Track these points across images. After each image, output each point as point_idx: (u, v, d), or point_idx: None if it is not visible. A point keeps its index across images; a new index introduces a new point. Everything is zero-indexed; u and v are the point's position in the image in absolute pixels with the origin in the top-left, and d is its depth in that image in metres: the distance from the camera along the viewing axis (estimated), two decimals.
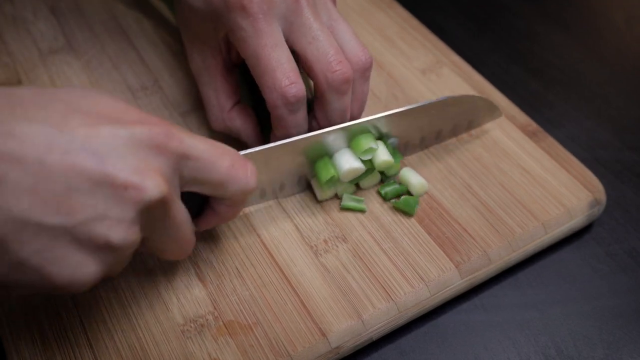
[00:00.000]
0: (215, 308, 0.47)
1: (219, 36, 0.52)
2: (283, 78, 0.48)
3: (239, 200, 0.45)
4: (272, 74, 0.48)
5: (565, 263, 0.54)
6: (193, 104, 0.61)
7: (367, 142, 0.51)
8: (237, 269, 0.49)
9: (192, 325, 0.46)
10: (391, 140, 0.55)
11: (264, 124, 0.56)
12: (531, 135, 0.59)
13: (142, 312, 0.47)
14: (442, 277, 0.49)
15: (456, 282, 0.49)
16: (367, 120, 0.52)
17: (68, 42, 0.67)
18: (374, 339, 0.48)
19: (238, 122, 0.54)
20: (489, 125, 0.60)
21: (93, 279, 0.36)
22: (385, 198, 0.53)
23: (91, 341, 0.45)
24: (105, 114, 0.37)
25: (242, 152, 0.48)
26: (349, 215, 0.53)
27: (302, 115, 0.50)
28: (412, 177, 0.54)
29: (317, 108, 0.52)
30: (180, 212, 0.41)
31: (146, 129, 0.37)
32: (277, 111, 0.49)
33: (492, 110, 0.58)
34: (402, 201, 0.52)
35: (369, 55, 0.52)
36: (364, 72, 0.52)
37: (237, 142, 0.56)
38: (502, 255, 0.51)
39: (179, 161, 0.39)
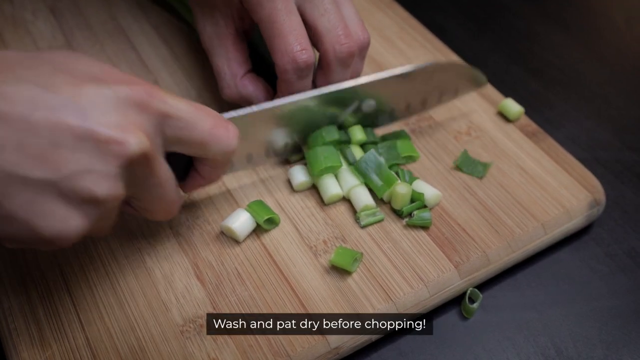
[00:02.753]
0: (214, 308, 0.47)
1: (233, 1, 0.53)
2: (295, 43, 0.50)
3: (221, 161, 0.46)
4: (285, 39, 0.50)
5: (564, 264, 0.54)
6: None
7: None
8: (236, 269, 0.49)
9: (191, 325, 0.46)
10: (368, 103, 0.55)
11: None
12: (531, 135, 0.59)
13: (141, 312, 0.47)
14: (442, 277, 0.49)
15: (455, 283, 0.49)
16: (353, 86, 0.53)
17: (67, 41, 0.67)
18: (374, 339, 0.48)
19: (250, 88, 0.55)
20: (488, 125, 0.60)
21: (78, 233, 0.38)
22: (401, 215, 0.52)
23: (90, 341, 0.45)
24: (89, 74, 0.38)
25: (225, 115, 0.49)
26: (348, 216, 0.53)
27: (308, 82, 0.52)
28: (427, 190, 0.53)
29: (319, 78, 0.54)
30: (164, 170, 0.42)
31: (129, 87, 0.39)
32: (286, 75, 0.51)
33: (477, 79, 0.59)
34: (416, 219, 0.51)
35: (367, 35, 0.54)
36: (362, 50, 0.54)
37: None
38: (502, 256, 0.51)
39: (162, 120, 0.40)
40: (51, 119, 0.35)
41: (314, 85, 0.54)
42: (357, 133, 0.56)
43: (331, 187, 0.53)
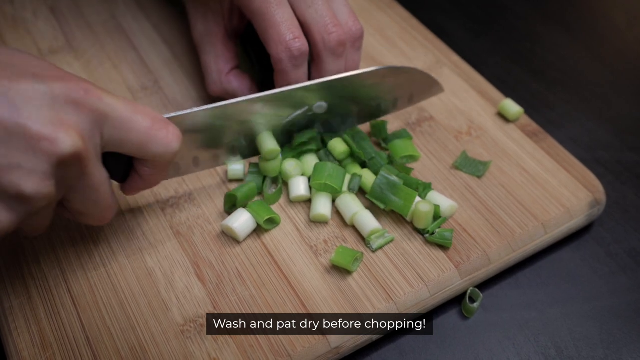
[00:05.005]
0: (215, 308, 0.47)
1: (223, 0, 0.55)
2: (288, 33, 0.51)
3: (161, 163, 0.45)
4: (277, 29, 0.51)
5: (565, 263, 0.54)
6: (193, 104, 0.61)
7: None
8: (237, 269, 0.49)
9: (192, 325, 0.46)
10: (319, 104, 0.54)
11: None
12: (531, 135, 0.59)
13: (141, 312, 0.47)
14: (442, 277, 0.49)
15: (456, 283, 0.49)
16: (300, 87, 0.52)
17: (68, 42, 0.67)
18: (374, 339, 0.47)
19: (235, 84, 0.56)
20: (489, 125, 0.60)
21: (5, 227, 0.37)
22: (424, 233, 0.51)
23: (91, 341, 0.45)
24: (26, 70, 0.38)
25: (167, 115, 0.48)
26: None
27: (303, 71, 0.53)
28: (442, 201, 0.52)
29: (313, 70, 0.54)
30: (99, 172, 0.41)
31: (65, 85, 0.38)
32: (281, 65, 0.51)
33: (433, 85, 0.58)
34: (438, 237, 0.50)
35: (359, 25, 0.54)
36: (355, 41, 0.54)
37: None
38: (502, 256, 0.51)
39: (98, 119, 0.40)
40: None
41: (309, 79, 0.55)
42: (338, 146, 0.54)
43: (321, 206, 0.52)
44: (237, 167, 0.55)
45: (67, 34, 0.68)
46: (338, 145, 0.55)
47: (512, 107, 0.60)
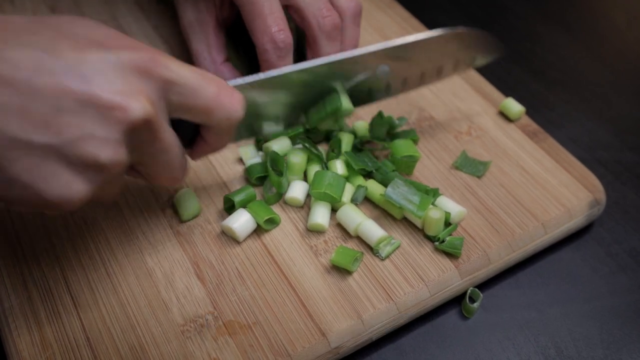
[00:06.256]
0: (215, 308, 0.47)
1: None
2: (273, 24, 0.52)
3: (225, 128, 0.46)
4: (264, 20, 0.52)
5: (565, 263, 0.54)
6: None
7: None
8: (237, 269, 0.49)
9: (191, 325, 0.46)
10: (382, 68, 0.53)
11: None
12: (531, 135, 0.59)
13: (141, 312, 0.47)
14: (442, 277, 0.49)
15: (456, 282, 0.49)
16: (366, 52, 0.51)
17: None
18: (374, 339, 0.47)
19: (227, 75, 0.57)
20: (489, 125, 0.60)
21: (82, 197, 0.38)
22: (433, 240, 0.51)
23: (91, 341, 0.45)
24: (94, 40, 0.38)
25: (231, 82, 0.48)
26: None
27: (288, 61, 0.54)
28: (451, 207, 0.52)
29: (309, 53, 0.55)
30: (168, 135, 0.42)
31: (133, 53, 0.39)
32: (266, 55, 0.53)
33: (494, 46, 0.57)
34: (448, 245, 0.50)
35: (358, 1, 0.55)
36: (354, 17, 0.55)
37: None
38: (502, 256, 0.51)
39: (165, 86, 0.40)
40: (54, 84, 0.35)
41: None
42: (337, 168, 0.54)
43: (319, 216, 0.51)
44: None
45: None
46: (338, 168, 0.54)
47: (514, 106, 0.60)
